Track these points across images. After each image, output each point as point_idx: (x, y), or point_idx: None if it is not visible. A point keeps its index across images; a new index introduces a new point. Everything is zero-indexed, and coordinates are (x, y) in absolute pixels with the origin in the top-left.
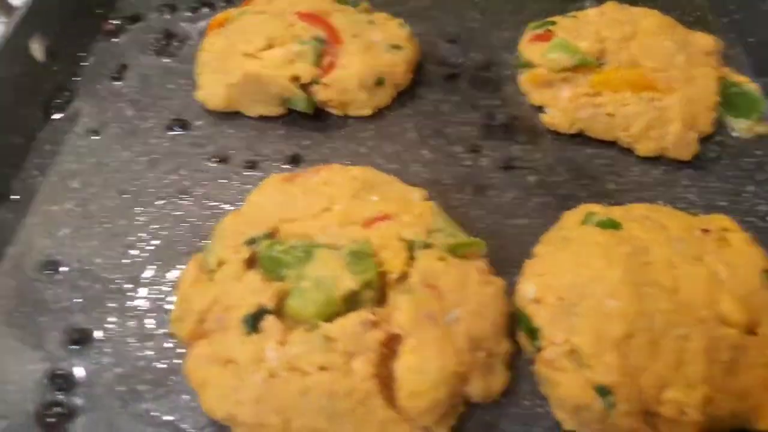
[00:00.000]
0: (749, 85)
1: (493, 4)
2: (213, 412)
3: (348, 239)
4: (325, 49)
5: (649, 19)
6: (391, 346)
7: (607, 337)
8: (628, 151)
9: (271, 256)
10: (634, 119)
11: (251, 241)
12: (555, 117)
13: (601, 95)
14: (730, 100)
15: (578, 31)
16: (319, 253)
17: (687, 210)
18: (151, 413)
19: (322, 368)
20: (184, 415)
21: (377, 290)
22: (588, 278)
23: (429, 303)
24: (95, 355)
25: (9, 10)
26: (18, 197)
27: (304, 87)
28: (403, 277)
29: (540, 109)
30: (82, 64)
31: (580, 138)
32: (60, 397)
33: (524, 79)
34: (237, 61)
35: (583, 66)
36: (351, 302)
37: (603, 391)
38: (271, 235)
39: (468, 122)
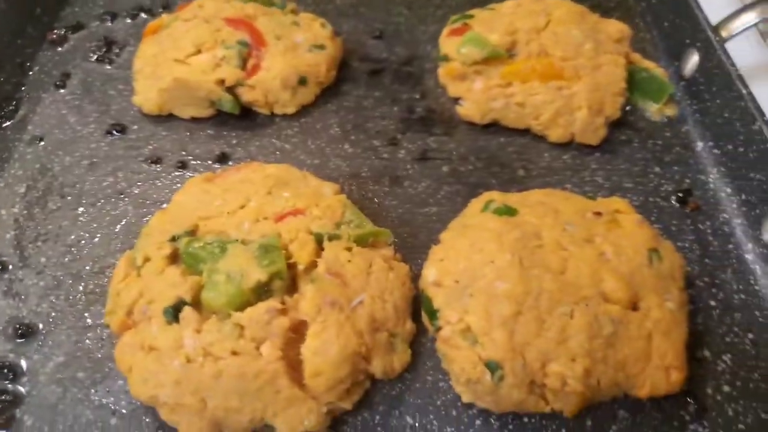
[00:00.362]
0: (657, 69)
1: None
2: (138, 395)
3: (259, 234)
4: (249, 52)
5: (561, 9)
6: (299, 331)
7: (495, 316)
8: (540, 138)
9: (189, 252)
10: (543, 107)
11: (173, 239)
12: (469, 108)
13: (511, 86)
14: (639, 85)
15: (493, 23)
16: (232, 248)
17: (593, 192)
18: (90, 397)
19: (234, 353)
20: (118, 398)
21: (287, 280)
22: (481, 262)
23: (333, 290)
24: (38, 347)
25: None
26: None
27: (231, 89)
28: (311, 267)
29: (457, 101)
30: (28, 73)
31: (494, 128)
32: (7, 385)
33: (441, 72)
34: (168, 67)
35: (494, 58)
36: (262, 292)
37: (492, 366)
38: (192, 232)
39: (388, 116)
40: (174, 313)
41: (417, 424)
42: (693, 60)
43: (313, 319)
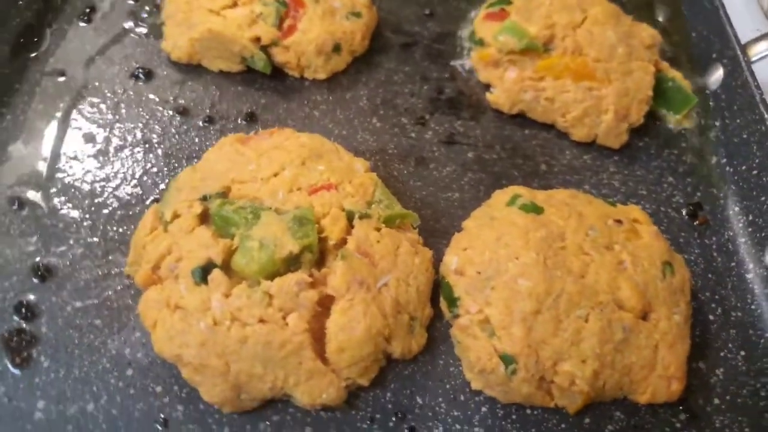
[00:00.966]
0: (683, 81)
1: None
2: (162, 351)
3: (293, 205)
4: (287, 11)
5: (597, 6)
6: (325, 305)
7: (516, 312)
8: (563, 134)
9: (221, 214)
10: (572, 106)
11: (204, 198)
12: (499, 97)
13: (544, 80)
14: (664, 94)
15: (530, 12)
16: (266, 215)
17: (609, 196)
18: (107, 346)
19: (261, 320)
20: (135, 350)
21: (317, 254)
22: (505, 257)
23: (361, 269)
24: (57, 289)
25: None
26: None
27: (264, 48)
28: (341, 243)
29: (487, 87)
30: (52, 3)
31: (520, 118)
32: (24, 325)
33: (475, 56)
34: (202, 15)
35: (531, 50)
36: (292, 263)
37: (507, 359)
38: (224, 194)
39: (417, 94)
40: (203, 274)
41: (425, 405)
42: (718, 75)
43: (341, 296)
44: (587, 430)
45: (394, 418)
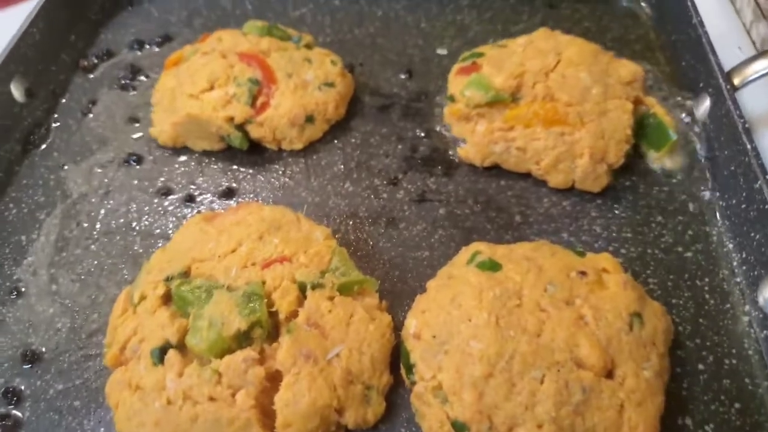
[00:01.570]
0: (665, 116)
1: (437, 29)
2: (122, 430)
3: (245, 281)
4: (260, 89)
5: (573, 48)
6: (275, 380)
7: (467, 376)
8: (541, 182)
9: (179, 294)
10: (544, 153)
11: (168, 279)
12: (469, 151)
13: (513, 130)
14: (645, 131)
15: (502, 62)
16: (218, 293)
17: (590, 242)
18: (84, 426)
19: (211, 398)
20: (109, 429)
21: (269, 328)
22: (459, 318)
23: (309, 342)
24: (42, 374)
25: None
26: None
27: (240, 126)
28: (293, 315)
29: (463, 142)
30: (60, 100)
31: (496, 170)
32: (11, 410)
33: (446, 113)
34: (183, 101)
35: (498, 102)
36: (243, 339)
37: (458, 426)
38: (186, 273)
39: (392, 154)
40: (160, 354)
41: None
42: (705, 104)
43: (287, 371)
44: None
45: None
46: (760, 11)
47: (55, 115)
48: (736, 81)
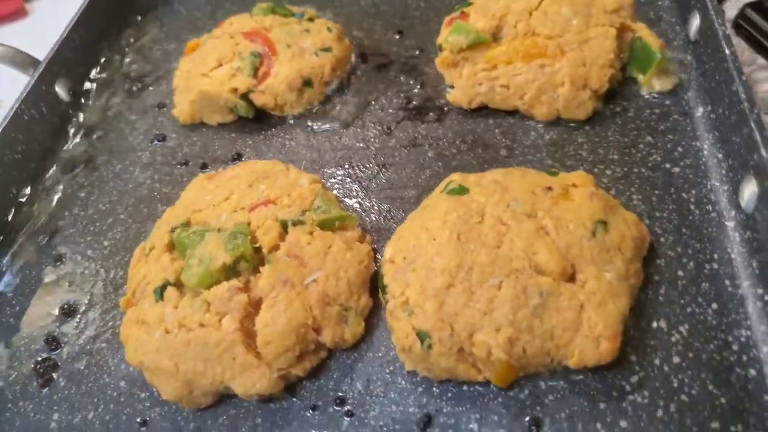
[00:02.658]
0: (650, 38)
1: None
2: (131, 361)
3: (233, 223)
4: (261, 61)
5: None
6: (258, 306)
7: (429, 289)
8: (529, 117)
9: (179, 240)
10: (526, 87)
11: (172, 230)
12: (456, 95)
13: (496, 69)
14: (634, 53)
15: (488, 8)
16: (209, 235)
17: (574, 167)
18: (108, 363)
19: (201, 325)
20: (128, 365)
21: (255, 262)
22: (425, 240)
23: (287, 270)
24: (77, 323)
25: (34, 63)
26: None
27: (245, 96)
28: (275, 250)
29: (452, 87)
30: (99, 98)
31: (485, 111)
32: (51, 353)
33: (437, 62)
34: (196, 81)
35: (480, 43)
36: (231, 273)
37: (422, 335)
38: (186, 223)
39: (387, 107)
40: (161, 292)
41: (364, 390)
42: (695, 23)
43: (267, 295)
44: (524, 402)
45: (333, 405)
46: None
47: (97, 110)
48: None
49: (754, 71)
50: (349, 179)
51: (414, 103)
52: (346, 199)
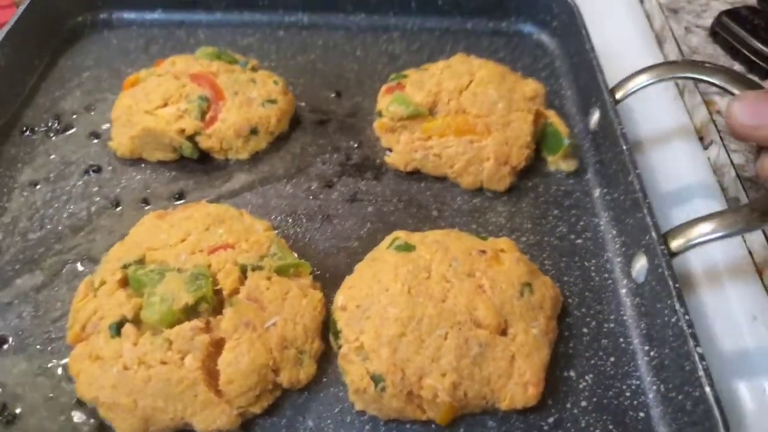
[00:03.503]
0: (560, 125)
1: (371, 57)
2: (82, 395)
3: (193, 264)
4: (209, 105)
5: (484, 69)
6: (219, 346)
7: (384, 336)
8: (455, 184)
9: (135, 277)
10: (456, 158)
11: (125, 266)
12: (394, 158)
13: (431, 139)
14: (545, 138)
15: (423, 83)
16: (169, 275)
17: (495, 232)
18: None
19: (162, 362)
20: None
21: (214, 304)
22: (378, 290)
23: (249, 313)
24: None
25: None
26: None
27: (191, 137)
28: (234, 293)
29: (390, 151)
30: (22, 119)
31: (417, 175)
32: None
33: (375, 126)
34: (139, 117)
35: (418, 116)
36: (191, 313)
37: (377, 378)
38: (141, 260)
39: (329, 161)
40: (117, 328)
41: (316, 427)
42: (595, 116)
43: (230, 336)
44: None
45: None
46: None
47: (22, 132)
48: (618, 95)
49: None
50: (294, 228)
51: (353, 160)
52: (295, 246)
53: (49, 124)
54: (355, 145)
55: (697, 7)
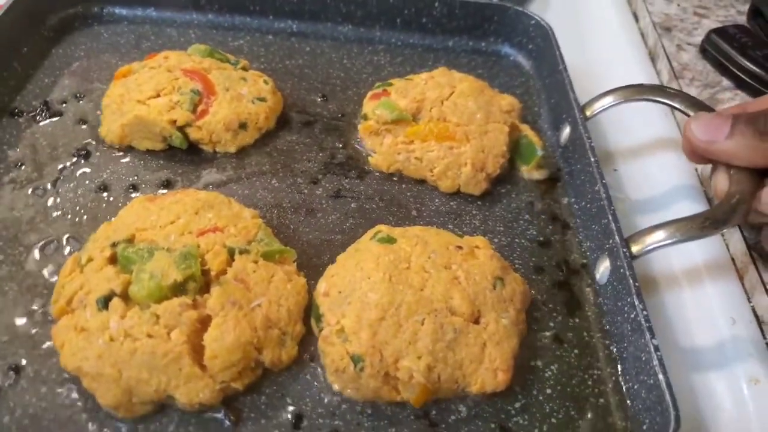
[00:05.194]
0: (534, 138)
1: (357, 66)
2: (66, 365)
3: (182, 244)
4: (200, 99)
5: (465, 83)
6: (205, 323)
7: (364, 320)
8: (434, 187)
9: (124, 255)
10: (436, 162)
11: (114, 244)
12: (377, 159)
13: (413, 143)
14: (519, 149)
15: (407, 91)
16: (159, 254)
17: (469, 233)
18: (28, 374)
19: (149, 335)
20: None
21: (201, 283)
22: (360, 278)
23: (235, 293)
24: None
25: None
26: None
27: (181, 128)
28: (222, 273)
29: (373, 152)
30: (11, 105)
31: (399, 176)
32: None
33: (361, 128)
34: (131, 105)
35: (402, 120)
36: (179, 291)
37: (356, 359)
38: (130, 240)
39: (314, 160)
40: (105, 302)
41: (294, 406)
42: (566, 131)
43: (216, 314)
44: (433, 420)
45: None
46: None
47: (11, 115)
48: (588, 112)
49: (717, 92)
50: (279, 219)
51: (338, 159)
52: (279, 236)
53: (38, 110)
54: (340, 146)
55: (689, 25)
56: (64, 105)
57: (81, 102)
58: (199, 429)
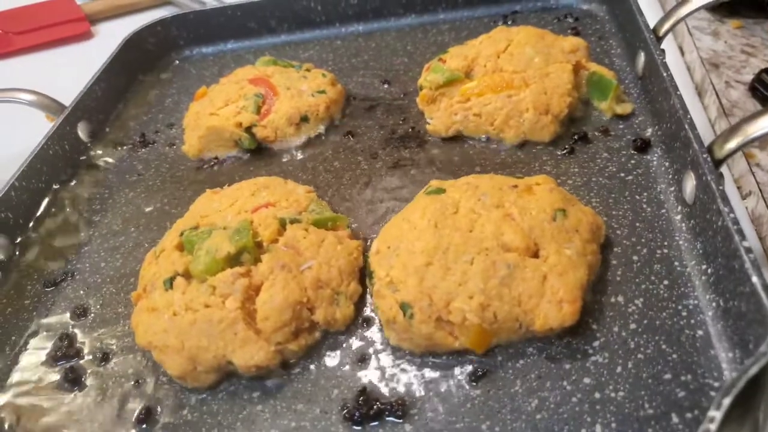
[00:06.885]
0: (604, 71)
1: (420, 49)
2: (139, 342)
3: (237, 222)
4: (263, 101)
5: (522, 33)
6: (258, 289)
7: (410, 267)
8: (499, 141)
9: (188, 238)
10: (495, 114)
11: (181, 234)
12: (435, 125)
13: (469, 100)
14: (592, 86)
15: (463, 54)
16: (215, 232)
17: None
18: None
19: (206, 306)
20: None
21: (255, 253)
22: (407, 230)
23: (285, 257)
24: (90, 322)
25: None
26: None
27: (248, 129)
28: (273, 242)
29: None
30: (116, 138)
31: (460, 138)
32: (68, 349)
33: (418, 99)
34: (204, 119)
35: (455, 81)
36: (234, 262)
37: (405, 306)
38: (195, 227)
39: (375, 137)
40: (170, 282)
41: (350, 368)
42: (641, 60)
43: (266, 278)
44: (499, 366)
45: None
46: None
47: (114, 149)
48: (660, 32)
49: None
50: (338, 194)
51: (398, 134)
52: (337, 208)
53: (135, 140)
54: (401, 121)
55: (737, 63)
56: (156, 134)
57: (172, 130)
58: (263, 392)
